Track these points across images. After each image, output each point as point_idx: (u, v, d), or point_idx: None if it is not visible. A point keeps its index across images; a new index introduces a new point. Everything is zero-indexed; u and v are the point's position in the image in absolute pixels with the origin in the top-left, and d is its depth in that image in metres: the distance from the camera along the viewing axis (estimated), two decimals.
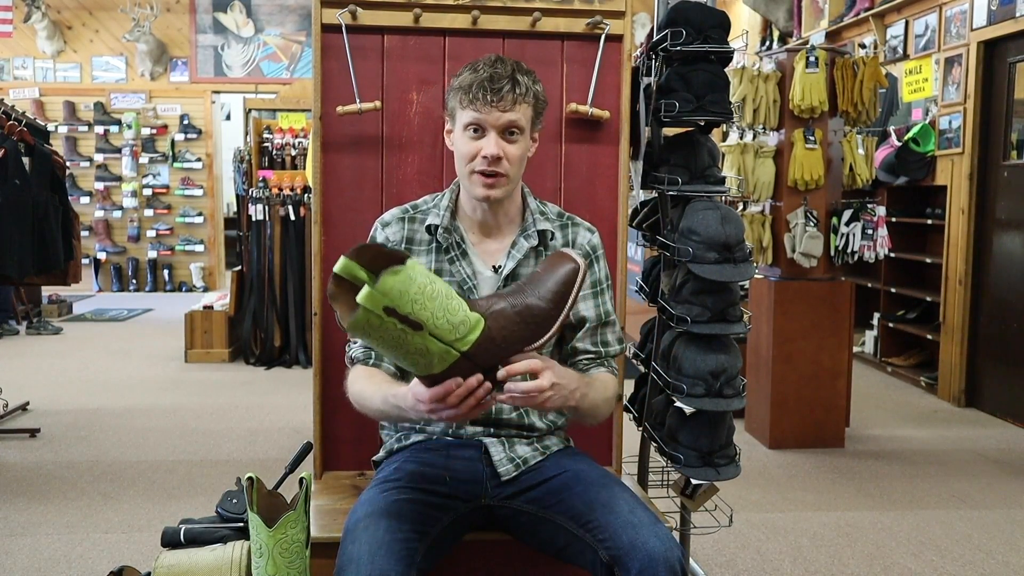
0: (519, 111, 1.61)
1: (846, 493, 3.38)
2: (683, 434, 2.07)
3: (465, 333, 1.32)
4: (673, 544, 1.44)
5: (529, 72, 1.65)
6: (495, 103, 1.58)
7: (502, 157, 1.61)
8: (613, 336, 1.77)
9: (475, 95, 1.59)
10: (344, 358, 1.76)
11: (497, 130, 1.61)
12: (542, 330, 1.39)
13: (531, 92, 1.63)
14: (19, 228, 3.66)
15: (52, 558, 2.68)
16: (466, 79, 1.61)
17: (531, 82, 1.63)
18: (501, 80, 1.58)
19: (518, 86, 1.60)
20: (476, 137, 1.62)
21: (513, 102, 1.60)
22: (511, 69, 1.61)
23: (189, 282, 9.40)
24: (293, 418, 4.30)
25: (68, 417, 4.27)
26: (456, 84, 1.64)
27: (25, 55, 9.16)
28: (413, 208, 1.77)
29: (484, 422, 1.68)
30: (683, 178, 2.12)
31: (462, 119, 1.63)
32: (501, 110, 1.59)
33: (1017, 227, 4.49)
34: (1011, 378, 4.50)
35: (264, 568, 1.58)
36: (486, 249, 1.73)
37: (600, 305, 1.74)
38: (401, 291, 1.25)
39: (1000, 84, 4.60)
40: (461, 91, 1.61)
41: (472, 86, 1.59)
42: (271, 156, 6.18)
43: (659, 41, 2.14)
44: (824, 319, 3.93)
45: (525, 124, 1.63)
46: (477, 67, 1.62)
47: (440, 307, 1.29)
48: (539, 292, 1.41)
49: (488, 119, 1.60)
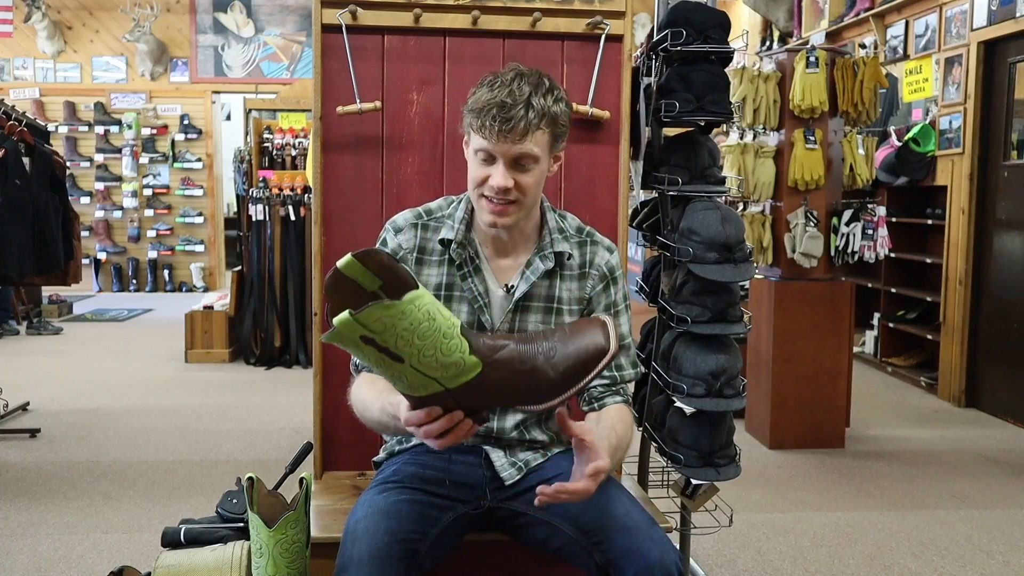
0: (532, 140, 1.49)
1: (846, 493, 3.38)
2: (683, 434, 2.07)
3: (455, 374, 1.24)
4: (669, 548, 1.43)
5: (551, 90, 1.51)
6: (506, 133, 1.46)
7: (511, 188, 1.50)
8: (627, 361, 1.67)
9: (484, 122, 1.47)
10: (349, 364, 1.70)
11: (507, 160, 1.50)
12: (542, 398, 1.27)
13: (547, 116, 1.49)
14: (19, 228, 3.66)
15: (52, 558, 2.68)
16: (480, 99, 1.49)
17: (551, 102, 1.50)
18: (514, 108, 1.45)
19: (532, 112, 1.46)
20: (486, 163, 1.52)
21: (525, 133, 1.47)
22: (528, 92, 1.47)
23: (189, 282, 9.40)
24: (293, 418, 4.30)
25: (68, 417, 4.27)
26: (471, 102, 1.51)
27: (25, 55, 9.16)
28: (427, 214, 1.67)
29: (485, 437, 1.66)
30: (683, 178, 2.12)
31: (474, 142, 1.53)
32: (512, 142, 1.47)
33: (1017, 227, 4.49)
34: (1011, 378, 4.50)
35: (264, 568, 1.58)
36: (500, 266, 1.65)
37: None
38: (387, 326, 1.16)
39: (1000, 84, 4.60)
40: (473, 113, 1.50)
41: (483, 111, 1.47)
42: (271, 156, 6.18)
43: (659, 41, 2.14)
44: (824, 319, 3.93)
45: (540, 152, 1.51)
46: (494, 85, 1.49)
47: (431, 346, 1.20)
48: (554, 358, 1.27)
49: (497, 149, 1.49)
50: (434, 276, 1.63)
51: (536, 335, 1.31)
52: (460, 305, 1.62)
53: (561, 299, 1.64)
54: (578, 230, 1.69)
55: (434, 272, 1.63)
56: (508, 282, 1.64)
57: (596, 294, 1.66)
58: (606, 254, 1.68)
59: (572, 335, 1.29)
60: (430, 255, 1.64)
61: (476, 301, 1.61)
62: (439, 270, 1.63)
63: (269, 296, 5.64)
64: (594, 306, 1.66)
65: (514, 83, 1.48)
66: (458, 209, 1.66)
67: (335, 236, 2.10)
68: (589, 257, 1.67)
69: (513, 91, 1.47)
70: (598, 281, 1.66)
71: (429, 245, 1.64)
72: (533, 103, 1.47)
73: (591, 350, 1.27)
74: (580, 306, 1.65)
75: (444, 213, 1.67)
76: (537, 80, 1.50)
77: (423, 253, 1.64)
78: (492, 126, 1.46)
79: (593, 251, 1.67)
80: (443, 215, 1.66)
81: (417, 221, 1.66)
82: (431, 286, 1.62)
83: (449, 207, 1.68)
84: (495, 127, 1.46)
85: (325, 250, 2.10)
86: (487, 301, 1.62)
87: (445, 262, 1.63)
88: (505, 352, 1.27)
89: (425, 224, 1.65)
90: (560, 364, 1.26)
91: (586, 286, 1.65)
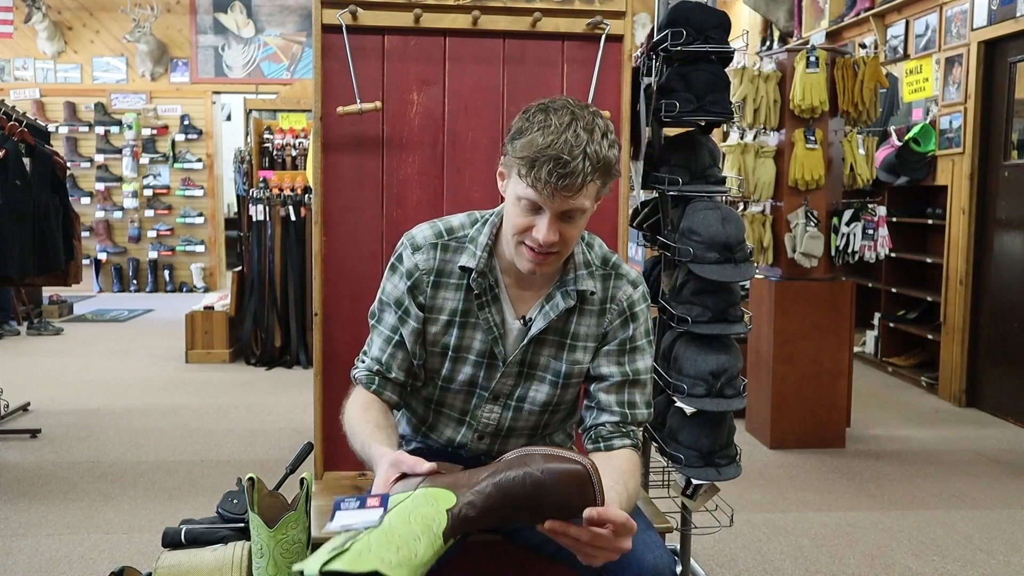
0: (585, 193, 1.38)
1: (847, 493, 3.38)
2: (684, 434, 2.07)
3: (425, 555, 1.14)
4: (664, 553, 1.42)
5: (606, 134, 1.39)
6: (560, 189, 1.35)
7: (556, 242, 1.41)
8: (642, 399, 1.58)
9: (538, 175, 1.34)
10: (349, 367, 1.67)
11: (556, 214, 1.39)
12: (520, 521, 1.24)
13: (603, 165, 1.37)
14: (20, 229, 3.66)
15: (53, 558, 2.68)
16: (533, 145, 1.35)
17: (606, 148, 1.38)
18: (572, 162, 1.33)
19: (587, 163, 1.34)
20: (530, 212, 1.41)
21: (580, 187, 1.35)
22: (584, 139, 1.34)
23: (190, 282, 9.40)
24: (294, 418, 4.31)
25: (69, 417, 4.27)
26: (519, 145, 1.38)
27: (26, 56, 9.16)
28: (448, 233, 1.57)
29: (486, 454, 1.65)
30: (683, 178, 2.12)
31: (517, 188, 1.40)
32: (564, 197, 1.36)
33: (1017, 227, 4.49)
34: (1011, 378, 4.50)
35: (265, 568, 1.58)
36: (520, 295, 1.57)
37: (627, 363, 1.57)
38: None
39: (1000, 84, 4.60)
40: (523, 162, 1.36)
41: (536, 163, 1.34)
42: (271, 156, 6.18)
43: (659, 41, 2.14)
44: (825, 319, 3.93)
45: (589, 204, 1.41)
46: (547, 129, 1.35)
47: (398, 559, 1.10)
48: (535, 511, 1.21)
49: (548, 203, 1.38)
50: (450, 301, 1.56)
51: (521, 459, 1.23)
52: (474, 332, 1.57)
53: (577, 335, 1.57)
54: (603, 261, 1.59)
55: (451, 296, 1.56)
56: (526, 314, 1.56)
57: (612, 329, 1.58)
58: (629, 288, 1.59)
59: (557, 483, 1.20)
60: (448, 277, 1.56)
61: (491, 331, 1.55)
62: (456, 295, 1.56)
63: (269, 296, 5.64)
64: (608, 341, 1.58)
65: (569, 130, 1.35)
66: (481, 233, 1.55)
67: (335, 236, 2.10)
68: (611, 292, 1.58)
69: (569, 140, 1.34)
70: (616, 316, 1.58)
71: (448, 267, 1.56)
72: (589, 152, 1.35)
73: (576, 502, 1.20)
74: (596, 342, 1.58)
75: (467, 234, 1.57)
76: (592, 123, 1.38)
77: (441, 276, 1.56)
78: (547, 180, 1.34)
79: (616, 286, 1.58)
80: (464, 237, 1.57)
81: (437, 241, 1.56)
82: (447, 310, 1.57)
83: (472, 227, 1.58)
84: (550, 182, 1.34)
85: (325, 250, 2.10)
86: (502, 332, 1.56)
87: (463, 287, 1.55)
88: (476, 496, 1.20)
89: (446, 245, 1.56)
90: (544, 510, 1.20)
91: (604, 321, 1.58)
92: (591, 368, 1.58)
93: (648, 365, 1.60)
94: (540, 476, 1.20)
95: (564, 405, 1.64)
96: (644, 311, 1.60)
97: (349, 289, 2.13)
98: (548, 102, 1.42)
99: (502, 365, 1.56)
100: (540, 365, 1.58)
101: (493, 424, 1.61)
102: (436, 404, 1.63)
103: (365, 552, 1.09)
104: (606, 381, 1.57)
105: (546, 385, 1.58)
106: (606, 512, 1.19)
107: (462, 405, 1.61)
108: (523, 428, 1.63)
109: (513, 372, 1.57)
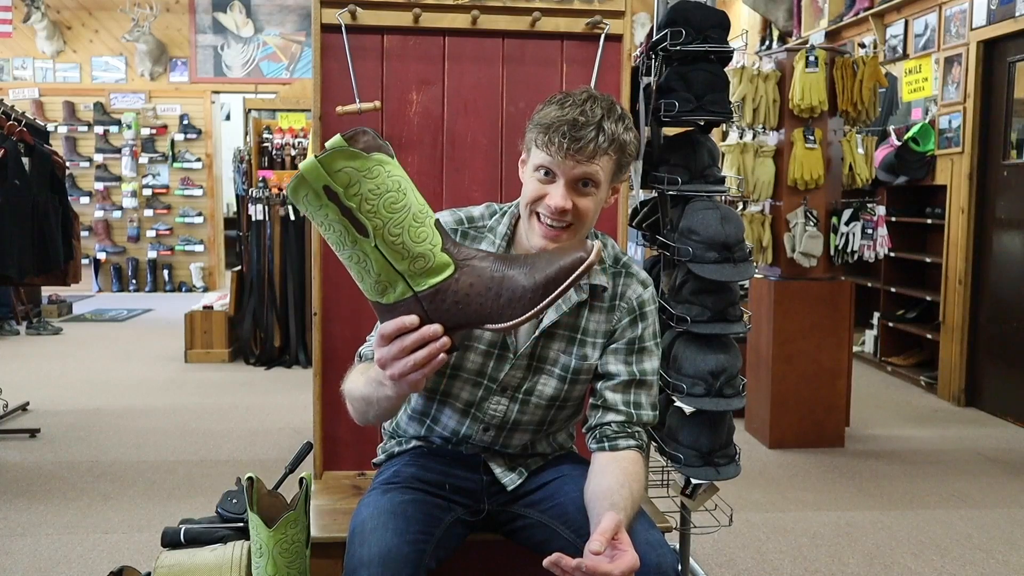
0: (598, 163, 1.44)
1: (846, 493, 3.38)
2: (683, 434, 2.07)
3: (422, 269, 1.19)
4: (666, 551, 1.42)
5: (623, 118, 1.48)
6: (572, 152, 1.42)
7: (568, 210, 1.45)
8: (648, 400, 1.60)
9: (552, 138, 1.42)
10: (348, 365, 1.63)
11: (569, 180, 1.45)
12: (512, 312, 1.21)
13: (616, 142, 1.45)
14: (19, 228, 3.66)
15: (52, 558, 2.68)
16: (549, 115, 1.45)
17: (621, 130, 1.46)
18: (586, 127, 1.42)
19: (602, 135, 1.43)
20: (545, 181, 1.46)
21: (593, 154, 1.43)
22: (600, 114, 1.44)
23: (189, 282, 9.40)
24: (293, 418, 4.31)
25: (68, 417, 4.27)
26: (537, 118, 1.47)
27: (25, 55, 9.15)
28: (468, 220, 1.61)
29: (484, 449, 1.65)
30: (683, 178, 2.12)
31: (535, 158, 1.47)
32: (577, 161, 1.43)
33: (1017, 227, 4.49)
34: (1011, 378, 4.50)
35: (264, 568, 1.58)
36: None
37: (635, 363, 1.59)
38: (352, 180, 1.11)
39: (1000, 84, 4.60)
40: (539, 128, 1.45)
41: (551, 127, 1.43)
42: (271, 156, 6.18)
43: (659, 41, 2.14)
44: (824, 319, 3.93)
45: (602, 177, 1.47)
46: (565, 103, 1.45)
47: (399, 222, 1.14)
48: (529, 269, 1.23)
49: (561, 167, 1.44)
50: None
51: (514, 257, 1.28)
52: None
53: (587, 330, 1.58)
54: (615, 260, 1.63)
55: None
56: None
57: (621, 327, 1.59)
58: (639, 288, 1.62)
59: (554, 253, 1.25)
60: None
61: None
62: None
63: (269, 296, 5.64)
64: (617, 338, 1.59)
65: (586, 104, 1.45)
66: (500, 223, 1.60)
67: None
68: (621, 290, 1.61)
69: (585, 111, 1.43)
70: (625, 314, 1.60)
71: None
72: (604, 126, 1.43)
73: (569, 262, 1.21)
74: (605, 339, 1.59)
75: (486, 224, 1.61)
76: (609, 105, 1.47)
77: None
78: (560, 143, 1.42)
79: (626, 284, 1.61)
80: (484, 227, 1.61)
81: (458, 228, 1.60)
82: None
83: (492, 218, 1.62)
84: (563, 144, 1.42)
85: (325, 250, 2.09)
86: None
87: None
88: (478, 261, 1.23)
89: (465, 232, 1.59)
90: (536, 275, 1.21)
91: (613, 318, 1.59)
92: (599, 365, 1.59)
93: (655, 367, 1.61)
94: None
95: (571, 402, 1.64)
96: (653, 312, 1.63)
97: (348, 289, 2.12)
98: (568, 91, 1.51)
99: (512, 356, 1.56)
100: (550, 359, 1.58)
101: (500, 416, 1.61)
102: (441, 395, 1.62)
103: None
104: (613, 379, 1.58)
105: (554, 379, 1.58)
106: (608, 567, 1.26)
107: (468, 396, 1.60)
108: (528, 422, 1.62)
109: (523, 364, 1.57)
